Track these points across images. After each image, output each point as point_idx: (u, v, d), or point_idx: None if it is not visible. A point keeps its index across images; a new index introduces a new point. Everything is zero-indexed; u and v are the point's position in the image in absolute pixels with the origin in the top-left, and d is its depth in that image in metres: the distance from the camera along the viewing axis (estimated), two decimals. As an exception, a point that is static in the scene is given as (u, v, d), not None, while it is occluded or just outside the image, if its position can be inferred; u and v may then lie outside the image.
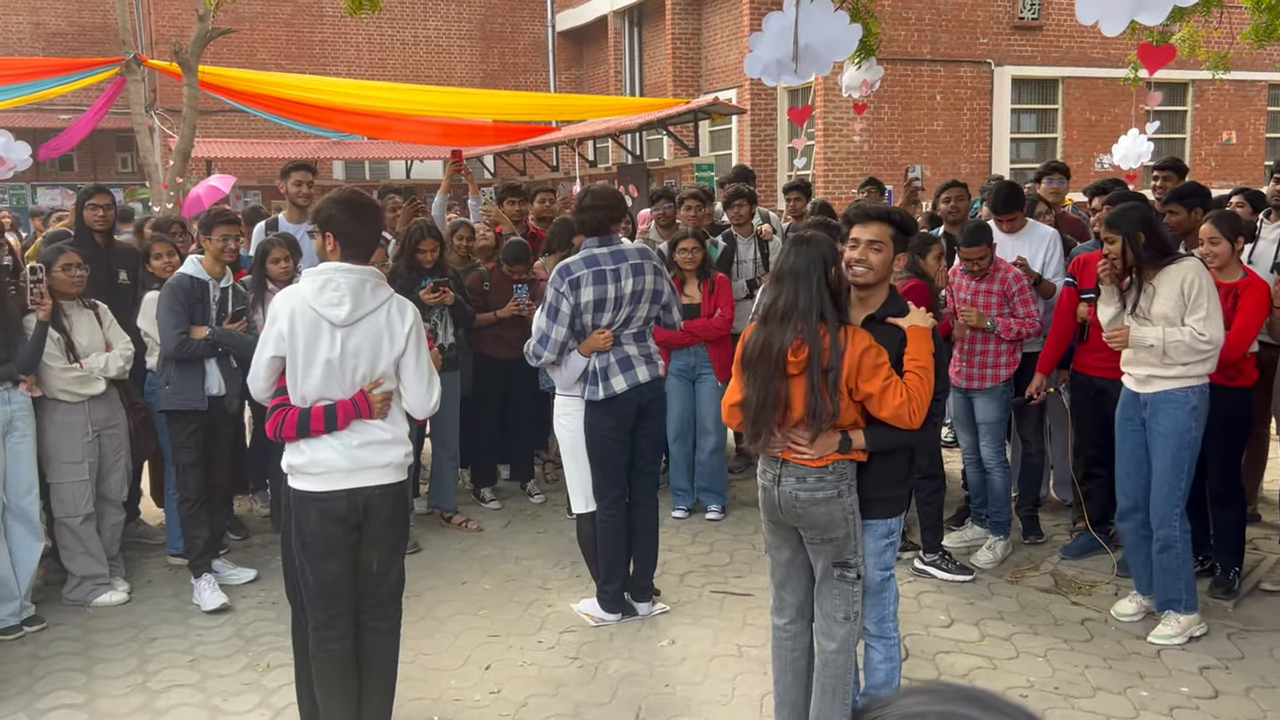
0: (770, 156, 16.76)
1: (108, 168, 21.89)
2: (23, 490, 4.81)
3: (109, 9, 21.04)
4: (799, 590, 3.53)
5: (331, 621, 3.47)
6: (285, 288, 3.88)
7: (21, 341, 4.78)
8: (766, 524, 3.51)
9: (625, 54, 21.27)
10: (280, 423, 3.39)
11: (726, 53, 17.95)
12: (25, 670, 4.45)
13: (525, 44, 24.41)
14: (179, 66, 12.11)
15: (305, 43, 22.82)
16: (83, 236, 5.73)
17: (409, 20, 23.20)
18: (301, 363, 3.36)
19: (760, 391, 3.28)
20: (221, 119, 20.03)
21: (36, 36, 21.80)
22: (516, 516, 6.44)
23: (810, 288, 3.25)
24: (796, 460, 3.31)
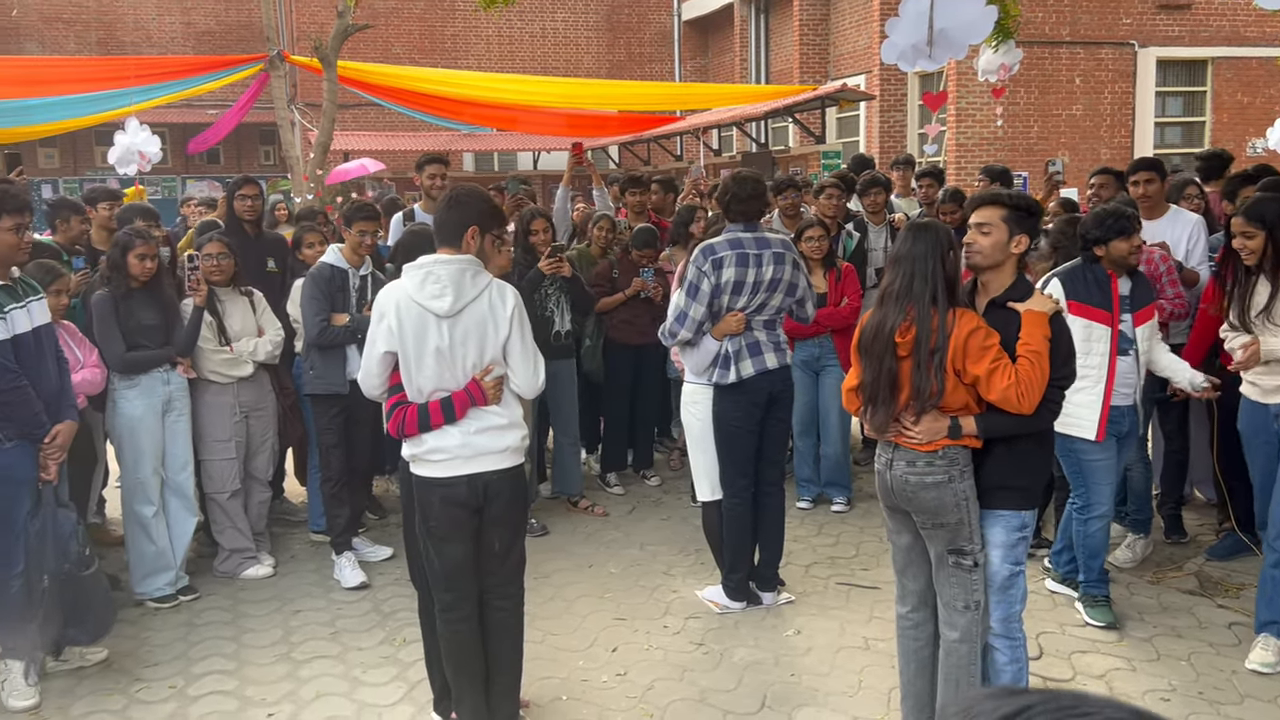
0: (900, 143, 16.42)
1: (251, 160, 22.85)
2: (179, 466, 5.10)
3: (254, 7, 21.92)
4: (920, 577, 3.49)
5: (457, 603, 3.57)
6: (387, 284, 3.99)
7: (179, 326, 5.06)
8: (885, 509, 3.51)
9: (751, 41, 21.14)
10: (401, 421, 3.48)
11: (855, 38, 17.66)
12: (180, 637, 4.71)
13: (651, 34, 24.49)
14: (319, 62, 12.53)
15: (438, 37, 23.37)
16: (233, 226, 6.00)
17: (537, 13, 23.54)
18: (413, 356, 3.44)
19: (875, 372, 3.29)
20: (358, 112, 20.67)
21: (187, 35, 22.88)
22: (641, 503, 6.50)
23: (925, 271, 3.25)
24: (906, 444, 3.29)
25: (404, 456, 3.57)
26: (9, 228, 3.93)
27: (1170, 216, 5.57)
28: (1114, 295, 4.42)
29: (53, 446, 4.09)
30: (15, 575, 4.02)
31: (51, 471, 4.10)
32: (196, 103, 17.65)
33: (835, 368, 6.10)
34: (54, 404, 4.13)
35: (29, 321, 4.04)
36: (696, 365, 4.75)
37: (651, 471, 6.92)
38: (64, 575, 4.08)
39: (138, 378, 4.92)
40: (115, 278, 4.90)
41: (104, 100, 11.93)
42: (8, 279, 4.02)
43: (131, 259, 4.87)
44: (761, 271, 4.58)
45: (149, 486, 4.97)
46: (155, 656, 4.51)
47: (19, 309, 4.00)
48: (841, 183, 6.82)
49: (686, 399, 4.91)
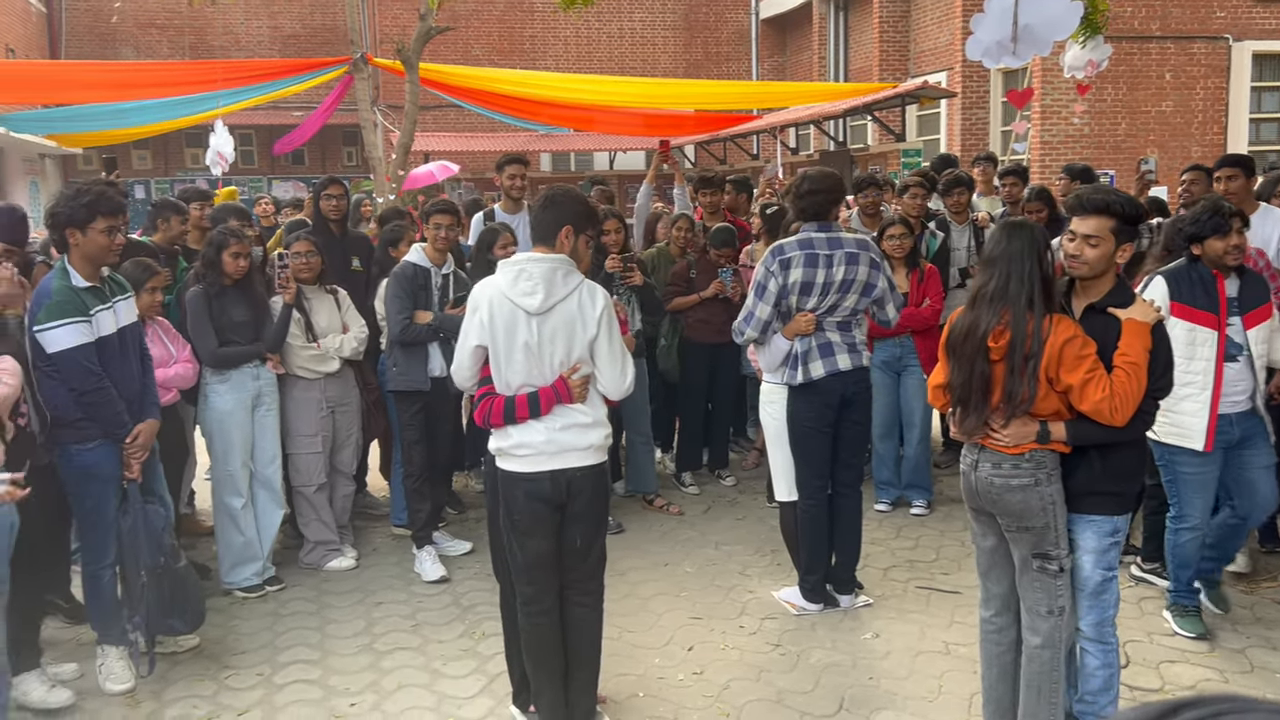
0: (982, 141, 16.13)
1: (335, 161, 23.33)
2: (267, 459, 5.23)
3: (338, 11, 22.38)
4: (1003, 581, 3.44)
5: (538, 596, 3.62)
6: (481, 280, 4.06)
7: (268, 322, 5.19)
8: (969, 511, 3.47)
9: (830, 39, 20.95)
10: (488, 411, 3.55)
11: (937, 35, 17.40)
12: (267, 626, 4.84)
13: (728, 33, 24.43)
14: (402, 64, 12.74)
15: (516, 38, 23.60)
16: (319, 225, 6.14)
17: (615, 13, 23.63)
18: (503, 351, 3.51)
19: (966, 374, 3.24)
20: (438, 113, 20.96)
21: (273, 39, 23.44)
22: (716, 502, 6.49)
23: (1020, 273, 3.18)
24: (993, 446, 3.25)
25: (490, 450, 3.63)
26: (101, 229, 4.03)
27: (1260, 214, 5.40)
28: (1220, 297, 4.27)
29: (135, 446, 4.19)
30: (105, 566, 4.17)
31: (134, 470, 4.20)
32: (282, 105, 18.07)
33: (916, 368, 6.03)
34: (136, 403, 4.24)
35: (115, 322, 4.15)
36: (769, 364, 4.74)
37: (727, 471, 6.91)
38: (159, 568, 4.21)
39: (228, 373, 5.06)
40: (209, 275, 5.05)
41: (194, 103, 12.29)
42: (96, 280, 4.12)
43: (226, 257, 5.02)
44: (832, 272, 4.54)
45: (238, 479, 5.11)
46: (243, 645, 4.63)
47: (105, 310, 4.11)
48: (925, 181, 6.73)
49: (763, 398, 4.90)
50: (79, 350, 3.97)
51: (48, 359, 3.98)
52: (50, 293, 3.98)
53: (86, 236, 4.02)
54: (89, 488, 4.12)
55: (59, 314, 3.95)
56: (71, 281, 4.02)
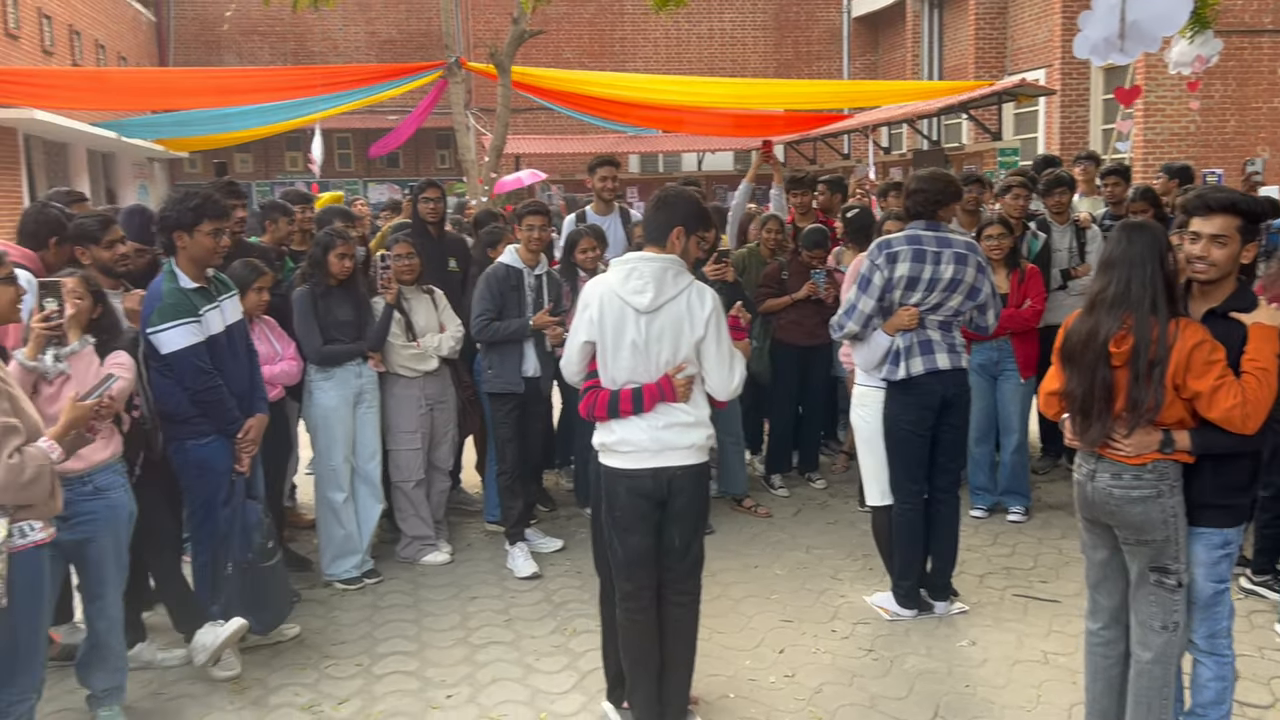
0: (1081, 139, 15.74)
1: (428, 164, 23.77)
2: (367, 455, 5.36)
3: (433, 16, 22.81)
4: (1115, 594, 3.35)
5: (637, 592, 3.65)
6: (595, 275, 4.12)
7: (370, 322, 5.32)
8: (1082, 522, 3.36)
9: (924, 37, 20.64)
10: (592, 403, 3.62)
11: (1035, 31, 17.02)
12: (366, 618, 4.96)
13: (820, 32, 24.24)
14: (494, 68, 12.92)
15: (607, 40, 23.76)
16: (417, 227, 6.26)
17: (705, 14, 23.63)
18: (610, 347, 3.56)
19: (1085, 382, 3.16)
20: (529, 116, 21.21)
21: (370, 44, 23.98)
22: (806, 505, 6.45)
23: (1143, 276, 3.09)
24: (1113, 456, 3.15)
25: (593, 445, 3.68)
26: (207, 232, 4.17)
27: None
28: None
29: (246, 440, 4.35)
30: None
31: (244, 463, 4.36)
32: (378, 109, 18.48)
33: (1014, 372, 5.92)
34: (246, 398, 4.39)
35: (222, 321, 4.30)
36: (866, 361, 4.69)
37: (817, 474, 6.86)
38: (245, 564, 4.33)
39: (333, 370, 5.20)
40: (315, 275, 5.20)
41: (294, 108, 12.61)
42: (203, 280, 4.27)
43: (332, 258, 5.16)
44: (940, 269, 4.48)
45: (340, 474, 5.24)
46: (343, 635, 4.75)
47: (213, 309, 4.26)
48: (1027, 182, 6.59)
49: (856, 400, 4.85)
50: (191, 350, 4.13)
51: (162, 359, 4.14)
52: (160, 295, 4.14)
53: (193, 239, 4.17)
54: (203, 481, 4.28)
55: (171, 316, 4.11)
56: (179, 283, 4.17)
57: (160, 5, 24.01)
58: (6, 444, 2.97)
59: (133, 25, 22.68)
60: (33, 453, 3.04)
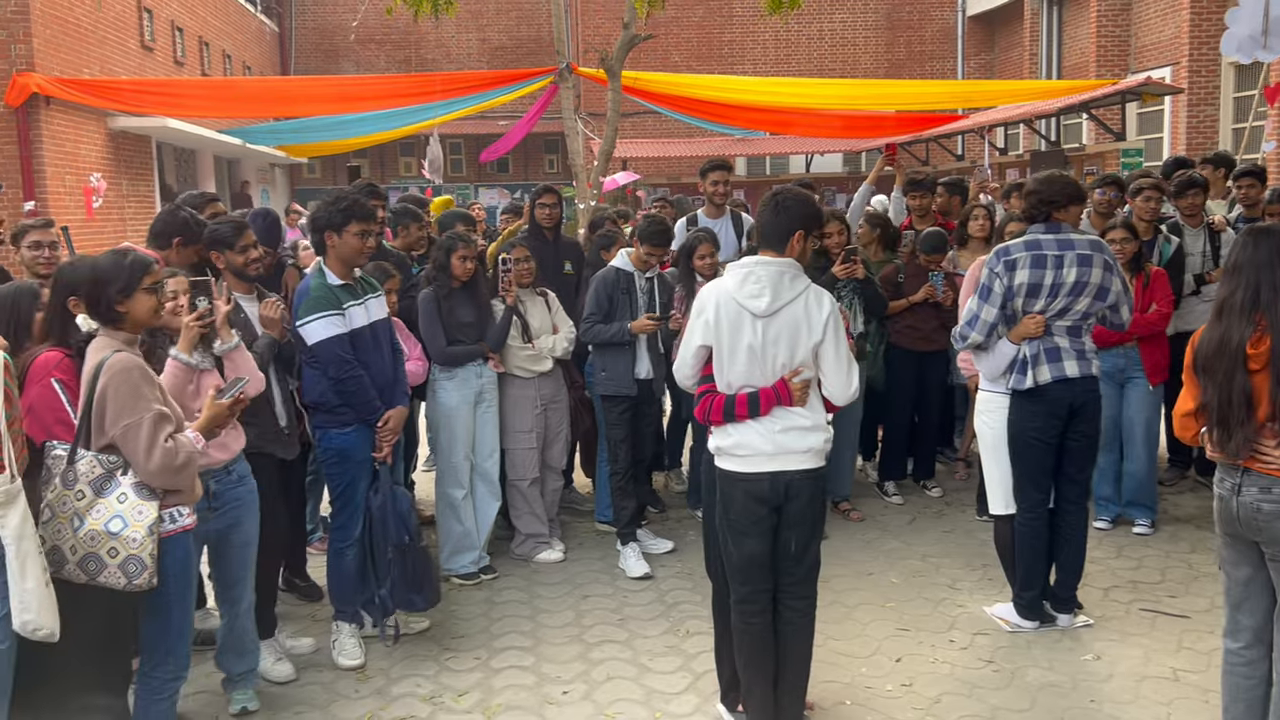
0: (1210, 140, 15.13)
1: (537, 169, 24.11)
2: (486, 453, 5.47)
3: (543, 22, 23.13)
4: (1258, 613, 3.22)
5: (752, 596, 3.65)
6: (711, 279, 4.14)
7: (490, 323, 5.44)
8: (1223, 538, 3.24)
9: (1043, 34, 20.12)
10: (708, 408, 3.63)
11: (1161, 27, 16.44)
12: (483, 613, 5.06)
13: (933, 31, 23.83)
14: (604, 72, 13.05)
15: (715, 43, 23.76)
16: (534, 230, 6.36)
17: (815, 15, 23.44)
18: (726, 351, 3.57)
19: (1222, 390, 3.04)
20: (636, 120, 21.36)
21: (482, 51, 24.44)
22: (921, 514, 6.35)
23: (1272, 279, 3.00)
24: (1261, 469, 3.03)
25: (710, 449, 3.69)
26: (355, 233, 4.41)
27: None
28: None
29: (386, 429, 4.53)
30: (349, 545, 4.50)
31: (385, 452, 4.54)
32: (489, 114, 18.83)
33: (1141, 379, 5.73)
34: (388, 391, 4.58)
35: (366, 317, 4.50)
36: (991, 370, 4.59)
37: (932, 482, 6.74)
38: (405, 547, 4.51)
39: (455, 370, 5.33)
40: (439, 278, 5.33)
41: (409, 114, 12.94)
42: (350, 279, 4.49)
43: (455, 260, 5.29)
44: (1062, 274, 4.36)
45: (460, 471, 5.36)
46: (461, 629, 4.86)
47: (357, 306, 4.46)
48: (1160, 184, 6.36)
49: (981, 407, 4.76)
50: (334, 341, 4.35)
51: (308, 350, 4.40)
52: (308, 290, 4.41)
53: (341, 239, 4.40)
54: (343, 468, 4.49)
55: (315, 308, 4.35)
56: (327, 280, 4.42)
57: (283, 16, 24.88)
58: (162, 430, 3.14)
59: (257, 36, 23.56)
60: (183, 440, 3.21)
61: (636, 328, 5.44)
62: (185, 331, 3.64)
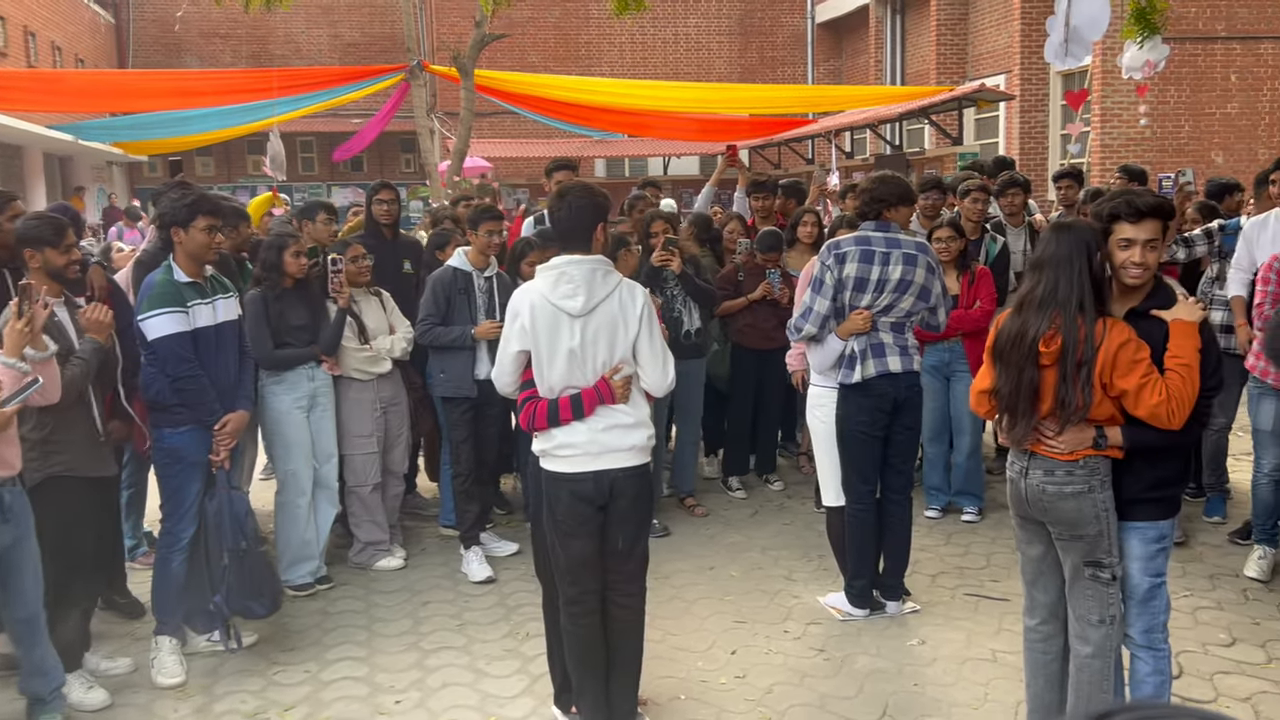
0: (1041, 144, 15.91)
1: (393, 168, 23.64)
2: (323, 459, 5.31)
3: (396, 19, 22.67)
4: (1050, 590, 3.38)
5: (580, 597, 3.64)
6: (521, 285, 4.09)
7: (324, 325, 5.28)
8: (1015, 518, 3.40)
9: (886, 42, 20.80)
10: (532, 415, 3.59)
11: (995, 37, 17.19)
12: (316, 624, 4.91)
13: (784, 37, 24.36)
14: (457, 71, 12.89)
15: (572, 44, 23.74)
16: (371, 229, 6.22)
17: (670, 18, 23.68)
18: (546, 354, 3.54)
19: (1013, 381, 3.18)
20: (494, 120, 21.17)
21: (334, 47, 23.84)
22: (764, 507, 6.46)
23: (1071, 276, 3.12)
24: (1045, 452, 3.19)
25: (534, 451, 3.66)
26: (202, 228, 4.31)
27: None
28: None
29: (223, 433, 4.40)
30: (177, 550, 4.33)
31: (223, 456, 4.40)
32: (341, 112, 18.39)
33: (965, 373, 5.96)
34: (229, 394, 4.46)
35: (212, 317, 4.40)
36: (821, 364, 4.71)
37: (774, 476, 6.87)
38: (242, 551, 4.36)
39: (284, 374, 5.15)
40: (270, 277, 5.14)
41: (254, 110, 12.50)
42: (199, 276, 4.39)
43: (288, 257, 5.12)
44: (888, 270, 4.51)
45: (301, 478, 5.19)
46: (292, 642, 4.70)
47: (204, 305, 4.37)
48: (986, 186, 6.63)
49: (812, 402, 4.87)
50: (174, 339, 4.24)
51: (148, 346, 4.28)
52: (153, 285, 4.29)
53: (188, 234, 4.30)
54: (175, 469, 4.35)
55: (158, 304, 4.24)
56: (173, 276, 4.31)
57: (120, 7, 23.76)
58: None
59: (91, 27, 22.43)
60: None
61: (480, 333, 5.35)
62: (14, 336, 3.44)
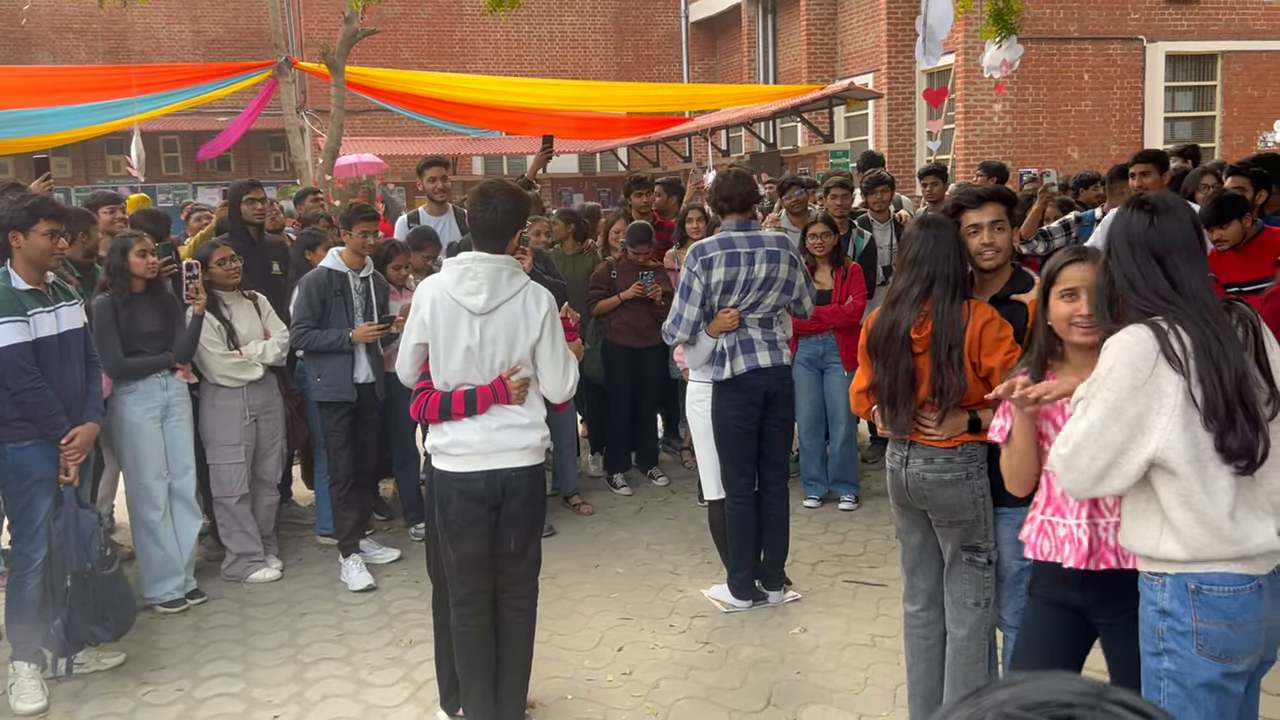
0: (908, 141, 16.39)
1: (261, 167, 22.91)
2: (179, 471, 5.11)
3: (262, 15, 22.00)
4: (930, 576, 3.48)
5: (470, 598, 3.60)
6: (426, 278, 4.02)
7: (180, 332, 5.07)
8: (896, 508, 3.48)
9: (759, 42, 21.13)
10: (424, 405, 3.56)
11: (863, 37, 17.63)
12: (188, 640, 4.73)
13: (659, 36, 24.50)
14: (327, 68, 12.59)
15: (446, 41, 23.42)
16: (238, 230, 6.01)
17: (545, 16, 23.56)
18: (443, 349, 3.50)
19: (890, 372, 3.26)
20: (367, 118, 20.74)
21: (197, 43, 22.99)
22: (649, 503, 6.50)
23: (935, 269, 3.23)
24: (925, 441, 3.27)
25: (427, 449, 3.60)
26: (43, 233, 4.08)
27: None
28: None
29: (71, 447, 4.18)
30: (30, 573, 4.11)
31: (72, 473, 4.19)
32: (206, 110, 17.75)
33: (838, 365, 6.09)
34: (76, 406, 4.24)
35: (55, 326, 4.17)
36: (695, 362, 4.78)
37: (658, 471, 6.92)
38: (86, 574, 4.14)
39: (135, 383, 4.93)
40: (116, 282, 4.90)
41: (113, 109, 12.00)
42: (40, 283, 4.16)
43: (133, 258, 4.86)
44: (754, 270, 4.59)
45: (153, 491, 4.98)
46: (162, 660, 4.52)
47: (45, 313, 4.14)
48: (847, 181, 6.80)
49: (691, 398, 4.92)
50: (14, 349, 4.01)
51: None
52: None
53: (28, 239, 4.07)
54: (20, 486, 4.12)
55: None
56: (11, 284, 4.07)
57: (-38, 0, 22.46)
58: None
59: (-69, 20, 21.15)
60: None
61: (358, 336, 5.23)
62: None
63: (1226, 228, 4.90)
